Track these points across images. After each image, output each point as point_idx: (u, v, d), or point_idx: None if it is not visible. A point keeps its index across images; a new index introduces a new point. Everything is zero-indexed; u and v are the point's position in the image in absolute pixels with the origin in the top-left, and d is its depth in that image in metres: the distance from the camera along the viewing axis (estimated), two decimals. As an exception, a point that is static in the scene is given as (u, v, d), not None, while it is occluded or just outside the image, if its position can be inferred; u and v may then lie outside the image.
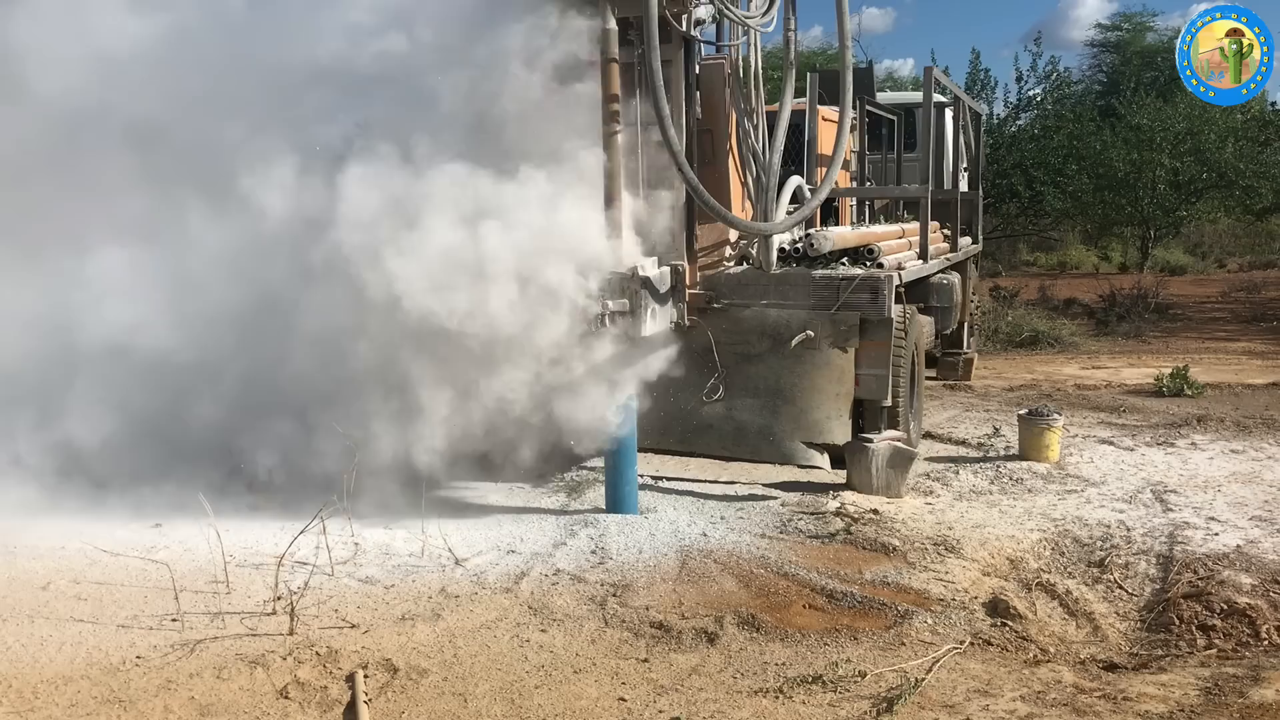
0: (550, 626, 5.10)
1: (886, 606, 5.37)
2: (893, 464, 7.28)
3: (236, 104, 6.70)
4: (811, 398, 7.64)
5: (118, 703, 4.28)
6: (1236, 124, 24.60)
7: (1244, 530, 6.63)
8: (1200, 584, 5.74)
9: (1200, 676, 4.72)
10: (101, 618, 5.09)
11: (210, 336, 6.53)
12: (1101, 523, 6.82)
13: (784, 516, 6.77)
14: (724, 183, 7.79)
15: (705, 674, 4.64)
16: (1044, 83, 26.62)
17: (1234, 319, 19.07)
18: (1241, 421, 9.73)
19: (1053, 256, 30.17)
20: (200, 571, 5.58)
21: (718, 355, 7.49)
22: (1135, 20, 35.16)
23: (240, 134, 6.58)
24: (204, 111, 6.73)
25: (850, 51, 7.58)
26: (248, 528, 6.23)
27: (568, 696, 4.42)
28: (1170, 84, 27.39)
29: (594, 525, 6.45)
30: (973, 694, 4.46)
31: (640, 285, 6.40)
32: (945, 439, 9.27)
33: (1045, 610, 5.64)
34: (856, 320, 7.54)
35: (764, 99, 7.79)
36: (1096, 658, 5.08)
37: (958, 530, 6.60)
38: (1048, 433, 8.37)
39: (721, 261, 8.16)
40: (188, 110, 6.72)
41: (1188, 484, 7.72)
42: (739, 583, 5.68)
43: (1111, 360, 14.39)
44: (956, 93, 12.99)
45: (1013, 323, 16.32)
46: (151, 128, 6.74)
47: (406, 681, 4.51)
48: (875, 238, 8.79)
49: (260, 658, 4.64)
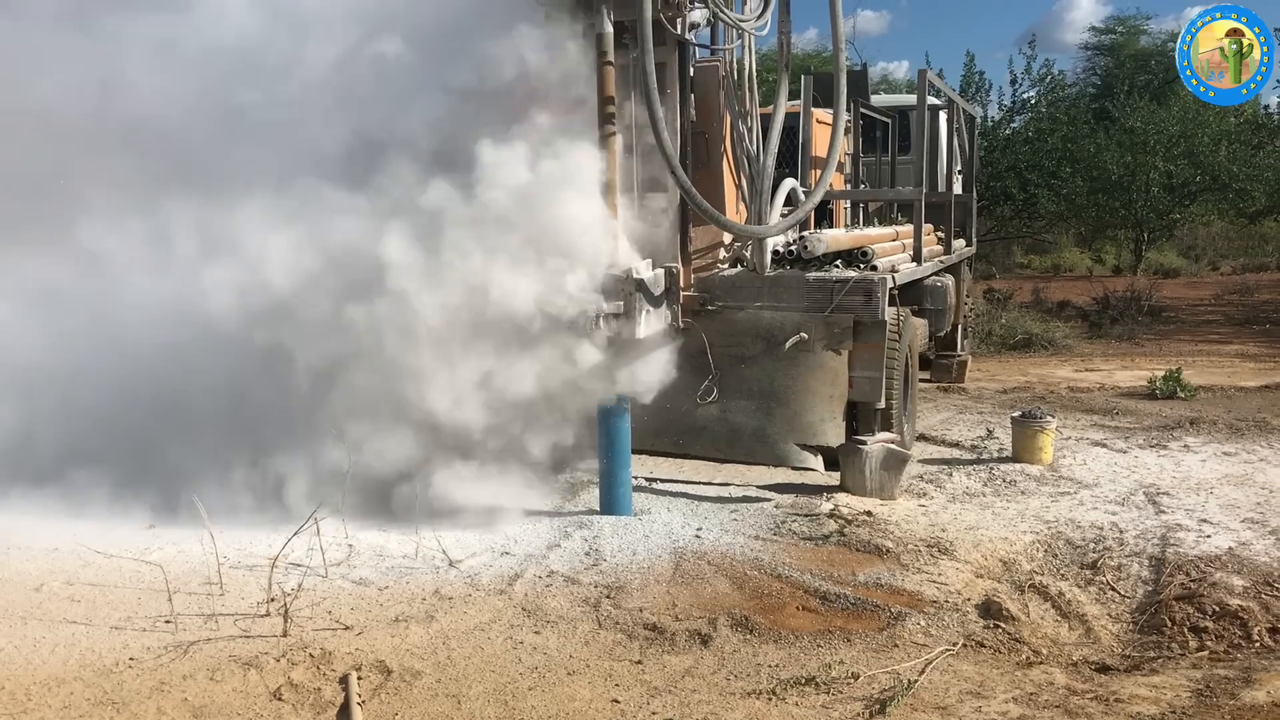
0: (544, 628, 5.10)
1: (880, 608, 5.37)
2: (886, 466, 7.29)
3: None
4: (805, 400, 7.65)
5: (111, 704, 4.27)
6: (1230, 127, 24.69)
7: (1236, 532, 6.65)
8: (1192, 586, 5.76)
9: (1192, 678, 4.74)
10: (95, 619, 5.09)
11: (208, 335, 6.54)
12: (1094, 525, 6.84)
13: (778, 518, 6.78)
14: (718, 185, 7.80)
15: (699, 675, 4.65)
16: (1038, 86, 26.69)
17: (1227, 321, 19.12)
18: (1234, 424, 9.76)
19: (1046, 259, 30.23)
20: (194, 573, 5.57)
21: (712, 357, 7.50)
22: (1129, 23, 35.32)
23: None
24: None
25: (844, 54, 7.58)
26: (241, 529, 6.21)
27: (561, 698, 4.42)
28: (1164, 87, 27.57)
29: (588, 527, 6.45)
30: (965, 695, 4.47)
31: (635, 287, 6.41)
32: (939, 441, 9.29)
33: (1038, 612, 5.66)
34: (850, 322, 7.56)
35: (758, 102, 7.81)
36: (1089, 659, 5.10)
37: (951, 532, 6.61)
38: (1041, 435, 8.38)
39: (716, 264, 8.17)
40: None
41: (1180, 486, 7.74)
42: (732, 584, 5.69)
43: (1105, 363, 14.42)
44: (951, 95, 13.01)
45: (1006, 325, 16.35)
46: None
47: (400, 683, 4.51)
48: (869, 240, 8.81)
49: (254, 659, 4.63)
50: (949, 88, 13.66)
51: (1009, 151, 25.55)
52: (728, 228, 7.46)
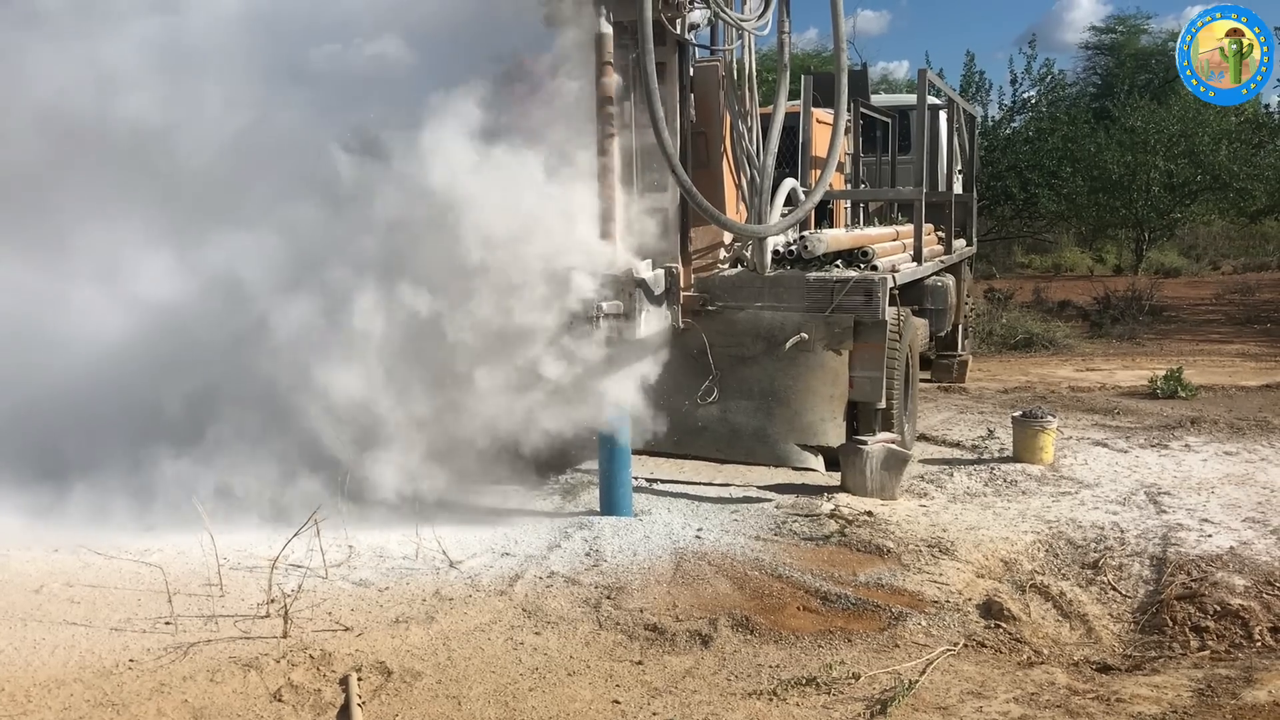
0: (544, 629, 5.09)
1: (880, 608, 5.37)
2: (887, 466, 7.28)
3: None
4: (806, 400, 7.64)
5: (110, 706, 4.27)
6: (1230, 126, 24.66)
7: (1237, 532, 6.64)
8: (1193, 586, 5.75)
9: (1193, 678, 4.73)
10: (95, 621, 5.09)
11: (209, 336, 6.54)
12: (1095, 524, 6.83)
13: (778, 519, 6.77)
14: (718, 185, 7.79)
15: (699, 676, 4.64)
16: (1038, 85, 26.68)
17: (1228, 321, 19.11)
18: (1235, 423, 9.75)
19: (1047, 259, 30.21)
20: (194, 574, 5.57)
21: (712, 357, 7.49)
22: (1129, 23, 35.28)
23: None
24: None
25: (845, 54, 7.57)
26: (241, 531, 6.21)
27: (561, 699, 4.42)
28: (1164, 86, 27.54)
29: (588, 528, 6.44)
30: (966, 696, 4.46)
31: (635, 287, 6.41)
32: (939, 441, 9.28)
33: (1039, 612, 5.65)
34: (851, 322, 7.56)
35: (758, 101, 7.80)
36: (1090, 659, 5.10)
37: (952, 532, 6.60)
38: (1042, 435, 8.38)
39: (716, 263, 8.17)
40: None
41: (1181, 486, 7.73)
42: (733, 585, 5.68)
43: (1105, 362, 14.41)
44: (951, 95, 13.00)
45: (1007, 325, 16.34)
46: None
47: (400, 684, 4.51)
48: (869, 240, 8.80)
49: (254, 661, 4.63)
50: (949, 87, 13.65)
51: (1009, 151, 25.54)
52: (729, 227, 7.45)
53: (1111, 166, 24.24)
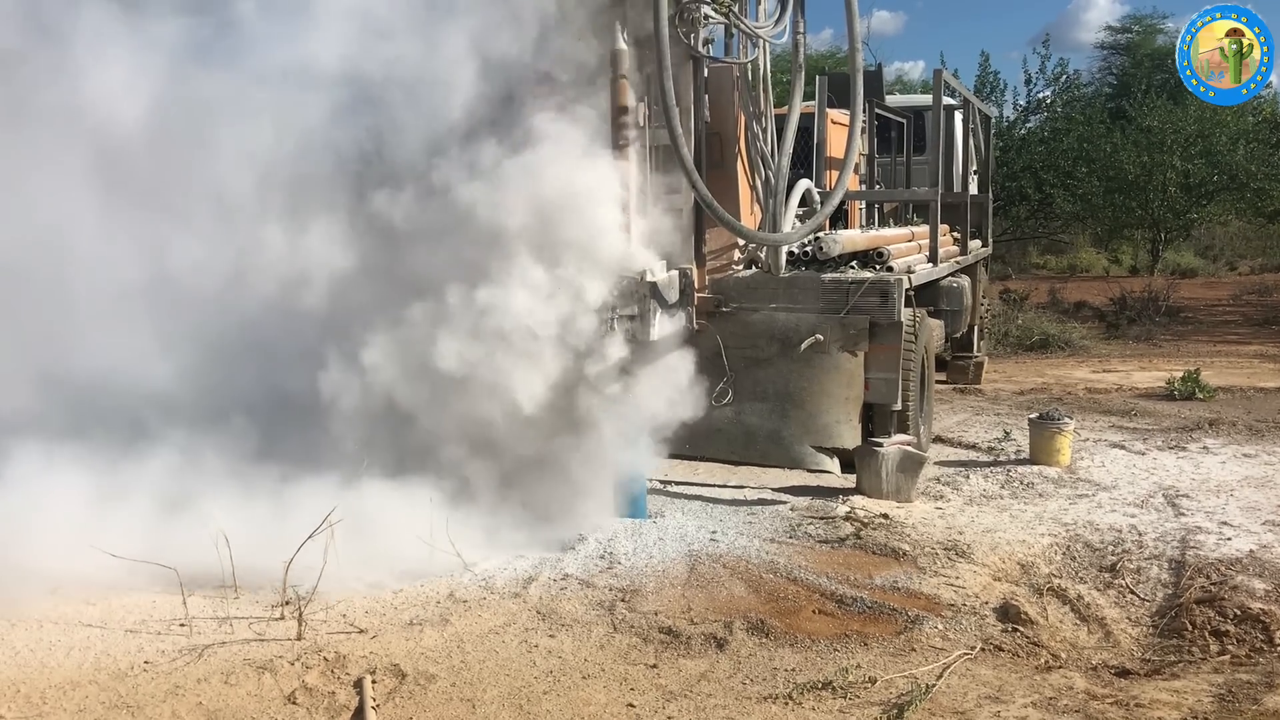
0: (559, 632, 5.08)
1: (897, 612, 5.34)
2: (903, 468, 7.25)
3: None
4: (821, 402, 7.61)
5: (125, 708, 4.28)
6: (1248, 126, 24.50)
7: (1257, 535, 6.59)
8: (1213, 589, 5.70)
9: (1213, 683, 4.69)
10: (109, 623, 5.10)
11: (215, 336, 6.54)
12: (1113, 527, 6.78)
13: (793, 521, 6.75)
14: (732, 186, 7.77)
15: (714, 680, 4.62)
16: (1053, 85, 26.57)
17: (1245, 322, 18.97)
18: (1254, 425, 9.68)
19: (1063, 259, 30.05)
20: (208, 576, 5.57)
21: (726, 359, 7.47)
22: (1145, 22, 35.02)
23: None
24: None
25: (860, 54, 7.55)
26: (256, 532, 6.20)
27: (576, 702, 4.41)
28: (1180, 86, 27.31)
29: (602, 530, 6.43)
30: (984, 700, 4.44)
31: (649, 290, 6.39)
32: (955, 443, 9.24)
33: (1057, 616, 5.61)
34: (866, 324, 7.51)
35: (773, 102, 7.77)
36: (1108, 664, 5.05)
37: (968, 535, 6.57)
38: (1058, 437, 8.33)
39: (730, 265, 8.15)
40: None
41: (1200, 488, 7.67)
42: (748, 588, 5.66)
43: (1122, 363, 14.32)
44: (966, 95, 12.95)
45: (1023, 326, 16.26)
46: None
47: (414, 687, 4.50)
48: (885, 241, 8.76)
49: (268, 663, 4.63)
50: (964, 87, 13.60)
51: (1024, 151, 25.45)
52: (747, 236, 7.44)
53: (1127, 167, 24.10)
